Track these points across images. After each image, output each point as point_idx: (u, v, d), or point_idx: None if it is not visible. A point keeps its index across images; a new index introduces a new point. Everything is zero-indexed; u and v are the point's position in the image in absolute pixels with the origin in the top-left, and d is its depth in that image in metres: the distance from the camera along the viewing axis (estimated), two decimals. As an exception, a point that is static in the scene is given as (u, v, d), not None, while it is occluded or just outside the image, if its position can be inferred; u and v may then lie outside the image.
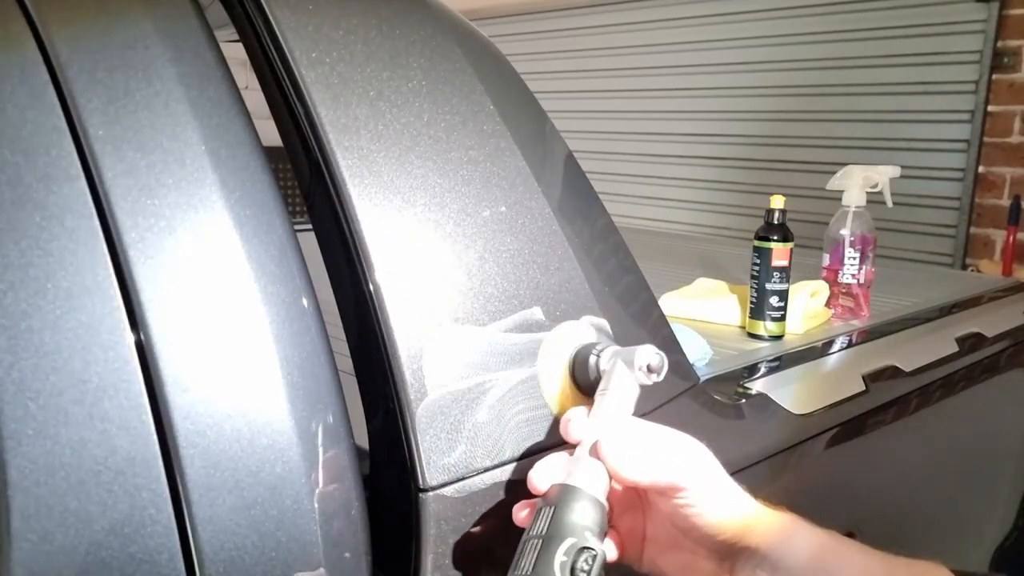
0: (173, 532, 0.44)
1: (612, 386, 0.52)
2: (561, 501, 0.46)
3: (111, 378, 0.43)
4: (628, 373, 0.52)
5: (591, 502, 0.47)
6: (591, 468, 0.48)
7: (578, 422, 0.51)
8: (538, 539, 0.45)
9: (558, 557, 0.44)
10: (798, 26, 3.05)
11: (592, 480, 0.48)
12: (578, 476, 0.48)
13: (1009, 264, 2.59)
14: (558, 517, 0.46)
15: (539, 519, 0.46)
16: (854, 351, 1.02)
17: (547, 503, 0.47)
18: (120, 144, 0.47)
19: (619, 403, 0.52)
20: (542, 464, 0.49)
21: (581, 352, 0.57)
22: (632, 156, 3.68)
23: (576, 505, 0.46)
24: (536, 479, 0.48)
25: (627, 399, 0.52)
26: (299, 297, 0.50)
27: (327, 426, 0.50)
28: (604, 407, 0.51)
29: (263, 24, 0.55)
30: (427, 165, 0.56)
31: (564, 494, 0.47)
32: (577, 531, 0.45)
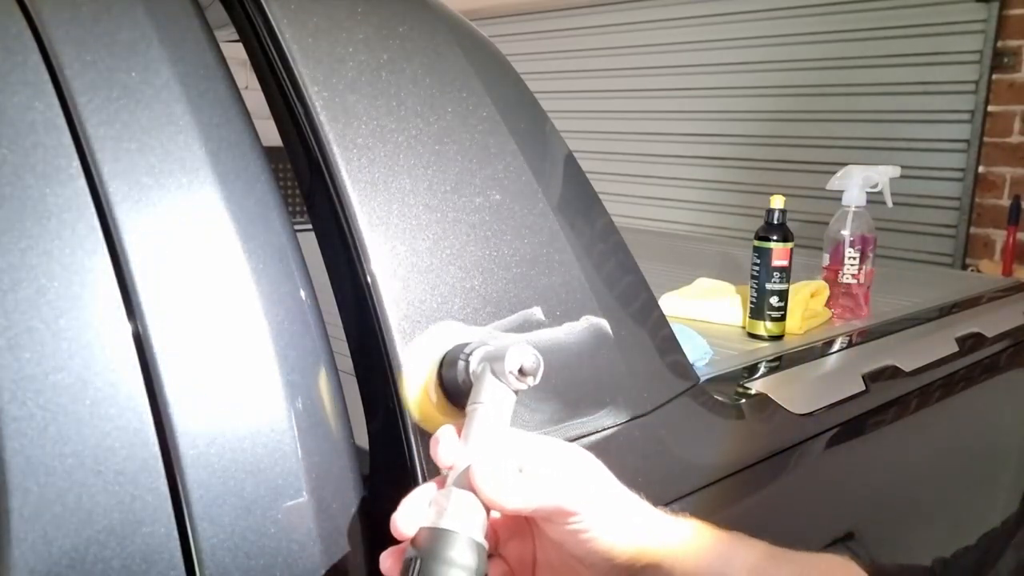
0: (173, 532, 0.44)
1: (484, 397, 0.45)
2: (430, 547, 0.40)
3: (111, 378, 0.43)
4: (498, 382, 0.45)
5: (466, 545, 0.40)
6: (464, 502, 0.42)
7: (447, 444, 0.44)
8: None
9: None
10: (798, 26, 3.05)
11: (466, 517, 0.41)
12: (449, 516, 0.41)
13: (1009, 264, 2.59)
14: (427, 569, 0.39)
15: (407, 572, 0.40)
16: (854, 351, 1.02)
17: (416, 553, 0.40)
18: (120, 144, 0.47)
19: (493, 416, 0.45)
20: (408, 502, 0.42)
21: (449, 355, 0.50)
22: (632, 156, 3.68)
23: (448, 553, 0.40)
24: (401, 523, 0.41)
25: (502, 410, 0.45)
26: (299, 297, 0.50)
27: (327, 426, 0.50)
28: (476, 423, 0.45)
29: (263, 24, 0.55)
30: (427, 165, 0.56)
31: (433, 541, 0.40)
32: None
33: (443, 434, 0.45)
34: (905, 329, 1.09)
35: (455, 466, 0.43)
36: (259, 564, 0.46)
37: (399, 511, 0.42)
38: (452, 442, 0.44)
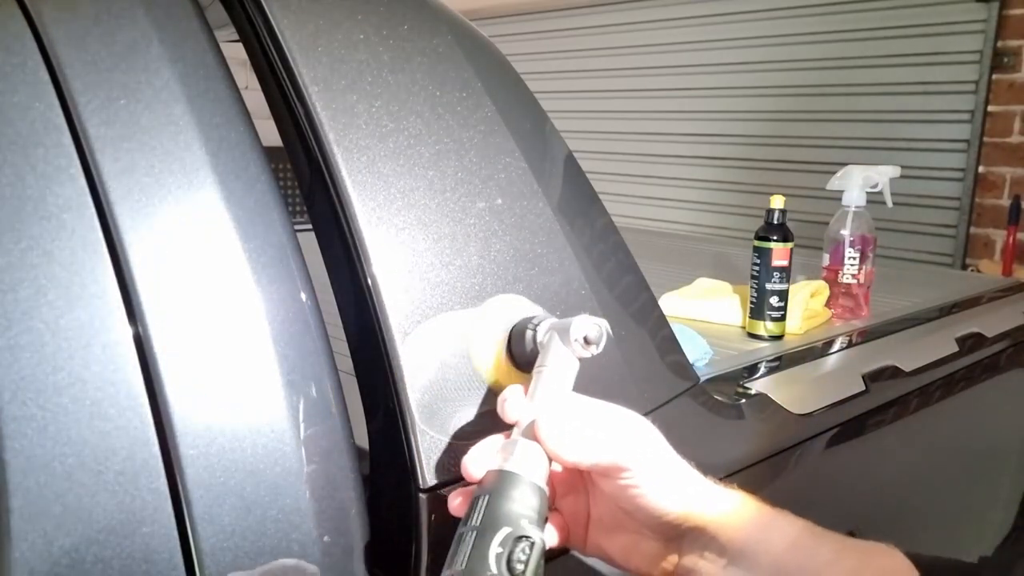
0: (173, 532, 0.44)
1: (549, 361, 0.49)
2: (496, 488, 0.44)
3: (111, 378, 0.43)
4: (564, 348, 0.49)
5: (529, 488, 0.44)
6: (529, 451, 0.45)
7: (514, 401, 0.48)
8: (472, 531, 0.42)
9: (493, 548, 0.41)
10: (798, 26, 3.05)
11: (530, 464, 0.45)
12: (515, 460, 0.45)
13: (1009, 264, 2.59)
14: (493, 506, 0.43)
15: (474, 510, 0.43)
16: (854, 351, 1.02)
17: (482, 491, 0.44)
18: (120, 144, 0.47)
19: (557, 379, 0.48)
20: (476, 449, 0.46)
21: (518, 326, 0.54)
22: (632, 156, 3.68)
23: (513, 492, 0.43)
24: (470, 466, 0.46)
25: (566, 375, 0.49)
26: (299, 297, 0.50)
27: (327, 426, 0.50)
28: (542, 384, 0.48)
29: (263, 24, 0.55)
30: (427, 165, 0.56)
31: (500, 481, 0.44)
32: (513, 520, 0.42)
33: (511, 392, 0.48)
34: (905, 329, 1.09)
35: (520, 422, 0.47)
36: (259, 564, 0.46)
37: (469, 455, 0.46)
38: (519, 399, 0.48)
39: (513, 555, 0.41)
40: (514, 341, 0.53)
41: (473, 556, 0.41)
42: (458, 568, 0.41)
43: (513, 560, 0.41)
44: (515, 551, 0.41)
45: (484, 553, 0.41)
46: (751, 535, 0.48)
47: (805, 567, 0.48)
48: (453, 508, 0.47)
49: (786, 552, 0.48)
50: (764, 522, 0.49)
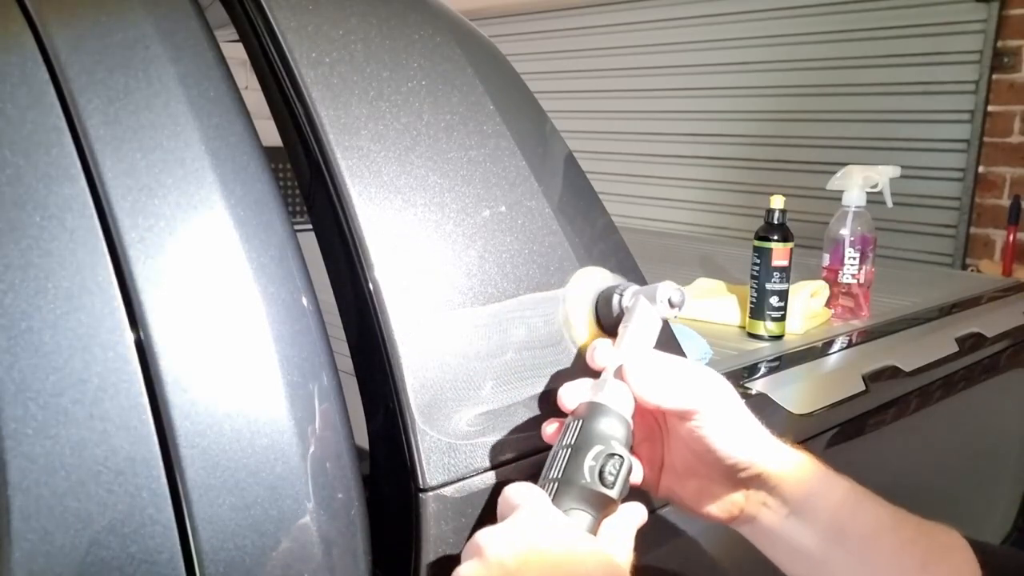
0: (173, 532, 0.44)
1: (635, 319, 0.54)
2: (589, 415, 0.48)
3: (111, 378, 0.43)
4: (650, 308, 0.54)
5: (618, 418, 0.49)
6: (617, 388, 0.50)
7: (603, 350, 0.53)
8: (567, 448, 0.47)
9: (587, 462, 0.46)
10: (798, 26, 3.05)
11: (619, 399, 0.50)
12: (605, 394, 0.50)
13: (1009, 264, 2.58)
14: (586, 428, 0.48)
15: (568, 432, 0.48)
16: (854, 351, 1.02)
17: (575, 417, 0.49)
18: (120, 144, 0.47)
19: (642, 334, 0.54)
20: (570, 384, 0.51)
21: (604, 293, 0.59)
22: (632, 156, 3.68)
23: (604, 419, 0.48)
24: (565, 396, 0.51)
25: (650, 331, 0.54)
26: (299, 297, 0.50)
27: (327, 426, 0.50)
28: (628, 337, 0.53)
29: (263, 24, 0.55)
30: (427, 165, 0.56)
31: (592, 409, 0.49)
32: (605, 440, 0.47)
33: (600, 343, 0.54)
34: (905, 329, 1.09)
35: (607, 367, 0.52)
36: (259, 564, 0.46)
37: (564, 388, 0.51)
38: (607, 348, 0.53)
39: (605, 468, 0.46)
40: (601, 306, 0.59)
41: (568, 467, 0.46)
42: (554, 476, 0.46)
43: (605, 472, 0.46)
44: (607, 465, 0.46)
45: (579, 465, 0.46)
46: (812, 489, 0.51)
47: (862, 527, 0.51)
48: (546, 435, 0.52)
49: (844, 509, 0.51)
50: (825, 479, 0.52)
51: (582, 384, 0.52)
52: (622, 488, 0.47)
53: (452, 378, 0.53)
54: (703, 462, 0.52)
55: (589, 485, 0.46)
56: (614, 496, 0.46)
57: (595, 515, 0.46)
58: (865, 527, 0.51)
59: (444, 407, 0.52)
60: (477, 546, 0.44)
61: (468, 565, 0.44)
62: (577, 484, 0.46)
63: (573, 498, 0.46)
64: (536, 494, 0.46)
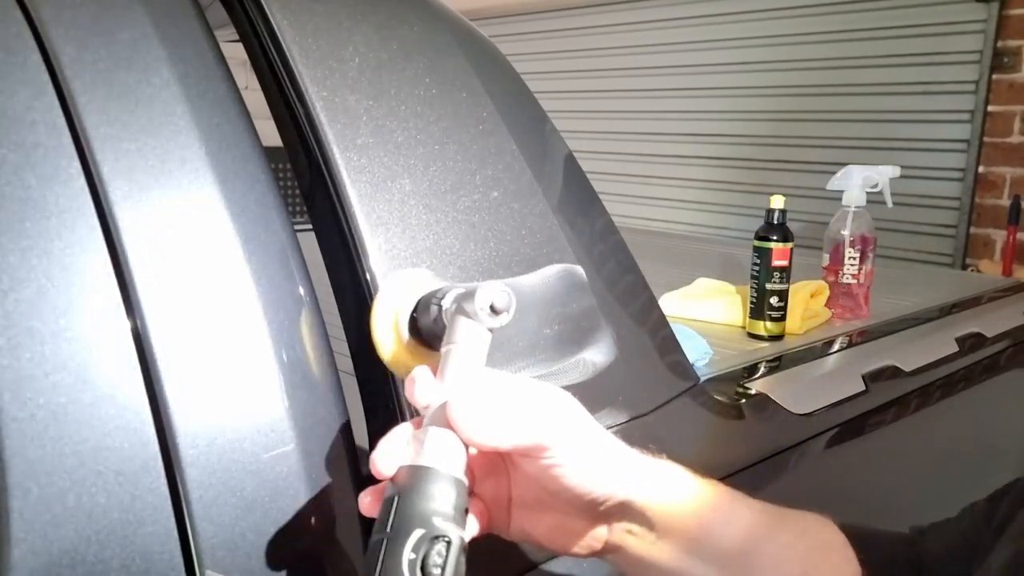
0: (173, 532, 0.44)
1: (458, 337, 0.44)
2: (409, 486, 0.40)
3: (111, 378, 0.43)
4: (470, 323, 0.44)
5: (446, 481, 0.40)
6: (442, 440, 0.42)
7: (424, 384, 0.43)
8: (384, 536, 0.39)
9: (406, 555, 0.38)
10: (798, 26, 3.05)
11: (445, 454, 0.41)
12: (428, 453, 0.41)
13: (1009, 264, 2.58)
14: (404, 507, 0.40)
15: (386, 512, 0.40)
16: (854, 351, 1.02)
17: (395, 490, 0.40)
18: (120, 144, 0.47)
19: (468, 356, 0.44)
20: (386, 442, 0.42)
21: (423, 300, 0.48)
22: (632, 156, 3.68)
23: (427, 488, 0.40)
24: (380, 462, 0.41)
25: (477, 350, 0.45)
26: (299, 297, 0.50)
27: (327, 426, 0.50)
28: (451, 363, 0.44)
29: (263, 24, 0.55)
30: (427, 165, 0.56)
31: (412, 477, 0.40)
32: (427, 520, 0.39)
33: (418, 374, 0.44)
34: (905, 329, 1.09)
35: (430, 406, 0.43)
36: (259, 564, 0.46)
37: (377, 451, 0.42)
38: (428, 382, 0.44)
39: (428, 559, 0.38)
40: (420, 318, 0.48)
41: (386, 566, 0.38)
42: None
43: (429, 565, 0.38)
44: (430, 554, 0.39)
45: (397, 561, 0.38)
46: (680, 507, 0.46)
47: (737, 540, 0.47)
48: (364, 508, 0.43)
49: (715, 524, 0.47)
50: (694, 494, 0.47)
51: (400, 437, 0.43)
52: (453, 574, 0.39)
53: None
54: (558, 499, 0.45)
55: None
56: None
57: None
58: (740, 540, 0.47)
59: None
60: None
61: None
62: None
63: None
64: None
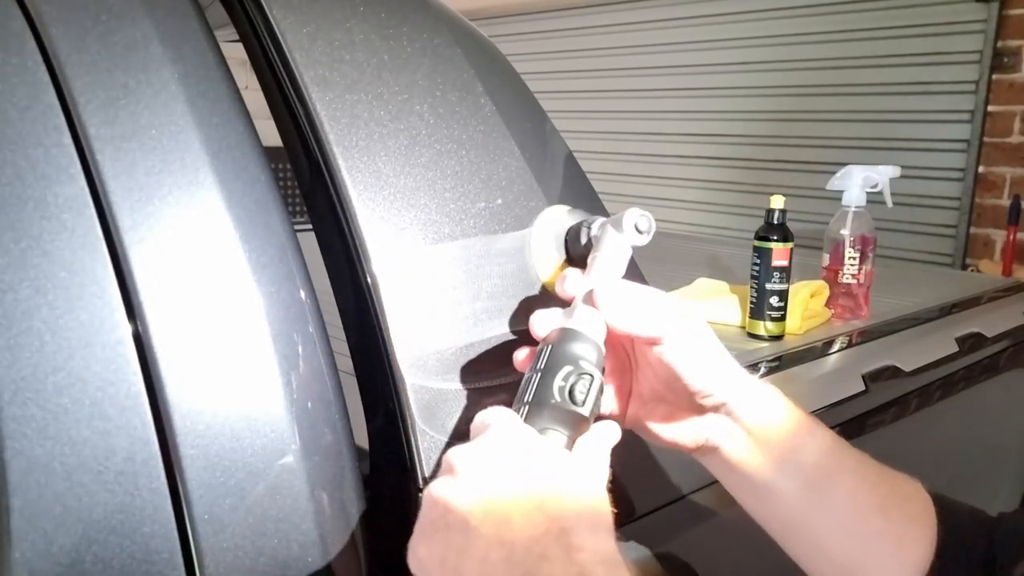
0: (173, 532, 0.44)
1: (604, 248, 0.53)
2: (560, 339, 0.48)
3: (111, 378, 0.43)
4: (618, 236, 0.53)
5: (588, 341, 0.48)
6: (587, 314, 0.49)
7: (573, 279, 0.52)
8: (538, 372, 0.47)
9: (557, 382, 0.46)
10: (798, 26, 3.04)
11: (589, 323, 0.49)
12: (576, 320, 0.49)
13: (1009, 264, 2.58)
14: (556, 351, 0.47)
15: (539, 357, 0.48)
16: (854, 351, 1.02)
17: (546, 343, 0.48)
18: (120, 144, 0.47)
19: (611, 262, 0.53)
20: (542, 312, 0.50)
21: (572, 228, 0.58)
22: (632, 156, 3.68)
23: (574, 343, 0.47)
24: (536, 324, 0.50)
25: (619, 260, 0.53)
26: (299, 297, 0.50)
27: (327, 426, 0.50)
28: (597, 265, 0.53)
29: (263, 24, 0.55)
30: (427, 165, 0.56)
31: (563, 334, 0.48)
32: (574, 361, 0.46)
33: (570, 272, 0.52)
34: (905, 329, 1.09)
35: (578, 295, 0.51)
36: (259, 564, 0.46)
37: (536, 315, 0.50)
38: (577, 277, 0.52)
39: (576, 387, 0.45)
40: (570, 242, 0.58)
41: (539, 390, 0.46)
42: (525, 401, 0.46)
43: (576, 391, 0.45)
44: (577, 384, 0.46)
45: (549, 385, 0.46)
46: (774, 421, 0.52)
47: (823, 463, 0.52)
48: (518, 363, 0.51)
49: (805, 444, 0.52)
50: (789, 413, 0.53)
51: (553, 312, 0.51)
52: (593, 406, 0.46)
53: (453, 378, 0.53)
54: (669, 389, 0.52)
55: (560, 404, 0.45)
56: (585, 414, 0.46)
57: (568, 434, 0.45)
58: (826, 464, 0.52)
59: (444, 407, 0.52)
60: (448, 463, 0.43)
61: (439, 482, 0.42)
62: (548, 404, 0.45)
63: (545, 418, 0.45)
64: (507, 415, 0.45)
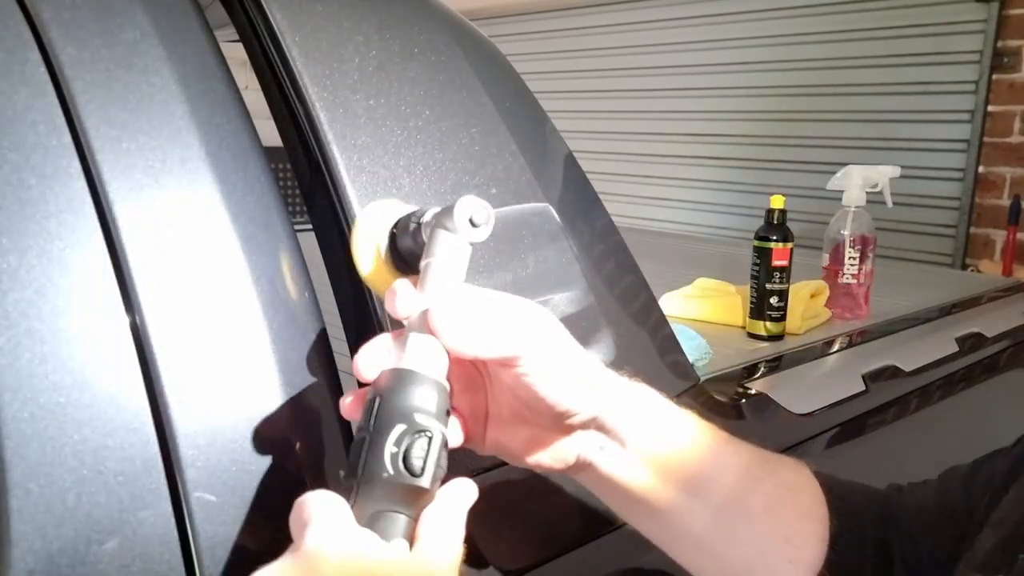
0: (173, 532, 0.44)
1: (437, 251, 0.44)
2: (391, 387, 0.40)
3: (111, 378, 0.43)
4: (450, 236, 0.44)
5: (428, 384, 0.41)
6: (424, 346, 0.42)
7: (404, 294, 0.43)
8: (368, 433, 0.39)
9: (388, 448, 0.38)
10: (798, 26, 3.05)
11: (426, 359, 0.41)
12: (409, 356, 0.41)
13: (1009, 264, 2.59)
14: (385, 405, 0.39)
15: (368, 413, 0.40)
16: (854, 351, 1.02)
17: (376, 392, 0.41)
18: (120, 144, 0.47)
19: (447, 269, 0.44)
20: (368, 348, 0.42)
21: (401, 221, 0.47)
22: (632, 156, 3.68)
23: (409, 389, 0.40)
24: (362, 366, 0.42)
25: (456, 264, 0.44)
26: (299, 297, 0.50)
27: (327, 426, 0.50)
28: (431, 275, 0.44)
29: (263, 24, 0.55)
30: (427, 165, 0.56)
31: (394, 379, 0.40)
32: (407, 415, 0.39)
33: (399, 286, 0.43)
34: (905, 329, 1.09)
35: (411, 317, 0.43)
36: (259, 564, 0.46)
37: (359, 356, 0.42)
38: (409, 293, 0.43)
39: (411, 452, 0.38)
40: (399, 240, 0.47)
41: (369, 461, 0.38)
42: (358, 476, 0.39)
43: (411, 458, 0.38)
44: (413, 447, 0.38)
45: (380, 455, 0.38)
46: (649, 429, 0.48)
47: (704, 467, 0.49)
48: (345, 411, 0.43)
49: (683, 449, 0.48)
50: (666, 418, 0.49)
51: (382, 345, 0.43)
52: (435, 470, 0.39)
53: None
54: (532, 410, 0.46)
55: (393, 479, 0.38)
56: (425, 485, 0.39)
57: (408, 513, 0.39)
58: (707, 467, 0.49)
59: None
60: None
61: None
62: (380, 480, 0.38)
63: (379, 499, 0.38)
64: (331, 504, 0.38)
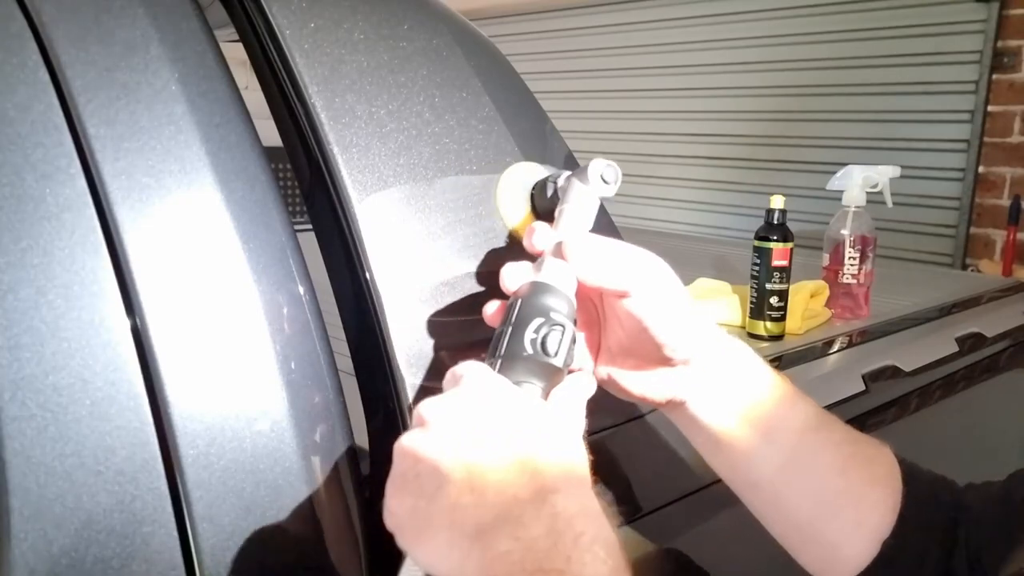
0: (173, 532, 0.44)
1: (571, 199, 0.53)
2: (529, 293, 0.47)
3: (111, 378, 0.43)
4: (584, 188, 0.53)
5: (558, 293, 0.48)
6: (557, 267, 0.49)
7: (541, 232, 0.51)
8: (509, 326, 0.46)
9: (528, 335, 0.45)
10: (798, 26, 3.05)
11: (558, 276, 0.48)
12: (545, 273, 0.48)
13: (1009, 264, 2.59)
14: (526, 304, 0.47)
15: (509, 311, 0.47)
16: (854, 351, 1.02)
17: (516, 297, 0.48)
18: (120, 144, 0.47)
19: (579, 215, 0.52)
20: (511, 265, 0.50)
21: (539, 183, 0.58)
22: (632, 156, 3.68)
23: (544, 295, 0.47)
24: (506, 278, 0.49)
25: (586, 212, 0.53)
26: (299, 297, 0.50)
27: (327, 426, 0.50)
28: (564, 218, 0.52)
29: (263, 24, 0.55)
30: (427, 165, 0.56)
31: (533, 287, 0.48)
32: (545, 312, 0.46)
33: (538, 225, 0.52)
34: (905, 329, 1.09)
35: (547, 248, 0.50)
36: (259, 564, 0.46)
37: (505, 269, 0.50)
38: (545, 230, 0.51)
39: (548, 339, 0.45)
40: (537, 196, 0.58)
41: (510, 343, 0.45)
42: (498, 355, 0.45)
43: (548, 343, 0.45)
44: (550, 335, 0.45)
45: (521, 338, 0.45)
46: (740, 378, 0.52)
47: (787, 421, 0.52)
48: (488, 317, 0.51)
49: (770, 401, 0.52)
50: (755, 371, 0.53)
51: (523, 265, 0.50)
52: (566, 356, 0.46)
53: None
54: (637, 341, 0.51)
55: (533, 356, 0.45)
56: (559, 365, 0.46)
57: (543, 385, 0.45)
58: (790, 422, 0.52)
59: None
60: (419, 416, 0.42)
61: (410, 435, 0.41)
62: (520, 357, 0.45)
63: (518, 371, 0.45)
64: (480, 367, 0.44)
